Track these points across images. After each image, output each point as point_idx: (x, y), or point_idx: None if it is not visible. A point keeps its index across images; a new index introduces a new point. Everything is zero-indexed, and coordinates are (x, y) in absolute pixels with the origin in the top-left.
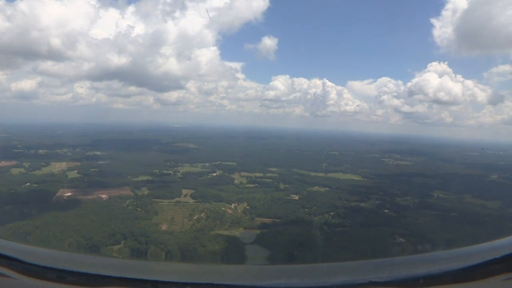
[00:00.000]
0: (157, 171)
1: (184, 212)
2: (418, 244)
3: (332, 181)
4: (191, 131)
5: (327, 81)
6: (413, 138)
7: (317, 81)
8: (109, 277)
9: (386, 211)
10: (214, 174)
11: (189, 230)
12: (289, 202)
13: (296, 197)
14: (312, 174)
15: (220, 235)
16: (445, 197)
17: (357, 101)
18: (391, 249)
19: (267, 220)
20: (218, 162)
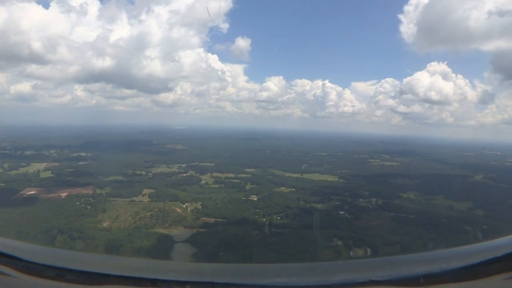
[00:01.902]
0: (131, 171)
1: (133, 210)
2: (354, 248)
3: (303, 182)
4: (188, 133)
5: (329, 82)
6: (413, 139)
7: (320, 83)
8: (108, 275)
9: (341, 212)
10: (185, 175)
11: (128, 227)
12: (245, 202)
13: (255, 198)
14: (287, 175)
15: (155, 233)
16: (415, 198)
17: (360, 102)
18: (320, 252)
19: (211, 220)
20: (196, 163)
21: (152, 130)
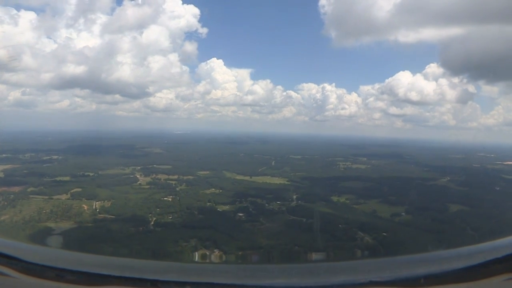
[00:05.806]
0: (82, 173)
1: (42, 206)
2: (200, 249)
3: (241, 184)
4: (183, 137)
5: (334, 87)
6: (412, 142)
7: (326, 87)
8: (108, 276)
9: (240, 214)
10: (128, 176)
11: (20, 221)
12: (155, 202)
13: (170, 199)
14: (236, 177)
15: (41, 226)
16: (342, 202)
17: (363, 106)
18: (162, 251)
19: (102, 216)
20: (153, 165)
21: (150, 134)
